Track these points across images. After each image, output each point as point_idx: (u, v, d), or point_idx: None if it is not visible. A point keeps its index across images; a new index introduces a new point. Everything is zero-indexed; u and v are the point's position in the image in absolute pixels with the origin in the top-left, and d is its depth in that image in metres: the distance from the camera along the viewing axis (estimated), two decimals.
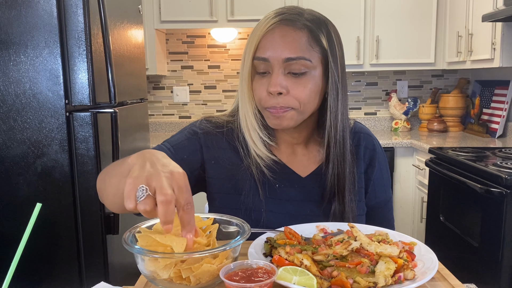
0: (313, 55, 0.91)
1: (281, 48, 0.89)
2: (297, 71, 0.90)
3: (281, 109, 0.91)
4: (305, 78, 0.91)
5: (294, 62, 0.89)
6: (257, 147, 0.98)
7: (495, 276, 1.84)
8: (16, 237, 0.68)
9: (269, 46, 0.90)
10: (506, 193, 1.77)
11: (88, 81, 1.72)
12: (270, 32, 0.91)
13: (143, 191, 0.60)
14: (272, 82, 0.90)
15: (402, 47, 3.08)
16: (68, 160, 1.71)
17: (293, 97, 0.91)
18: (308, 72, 0.91)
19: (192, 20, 3.05)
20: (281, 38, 0.90)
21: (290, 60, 0.89)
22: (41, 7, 1.63)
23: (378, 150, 1.10)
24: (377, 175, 1.08)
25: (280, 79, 0.90)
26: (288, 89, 0.91)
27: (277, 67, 0.90)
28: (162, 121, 3.54)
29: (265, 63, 0.91)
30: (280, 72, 0.90)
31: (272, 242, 0.82)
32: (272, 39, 0.90)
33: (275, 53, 0.89)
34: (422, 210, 2.72)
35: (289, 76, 0.91)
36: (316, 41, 0.92)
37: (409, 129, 3.39)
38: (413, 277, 0.71)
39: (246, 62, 0.93)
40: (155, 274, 0.68)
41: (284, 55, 0.89)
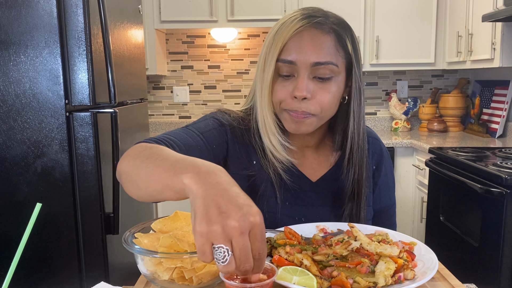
0: (339, 60, 0.90)
1: (309, 51, 0.87)
2: (323, 76, 0.88)
3: (302, 114, 0.89)
4: (330, 83, 0.89)
5: (322, 67, 0.87)
6: (277, 151, 0.95)
7: (495, 276, 1.84)
8: (16, 237, 0.68)
9: (296, 49, 0.87)
10: (506, 193, 1.77)
11: (88, 81, 1.72)
12: (298, 35, 0.88)
13: (224, 254, 0.52)
14: (298, 86, 0.87)
15: (402, 47, 3.07)
16: (68, 160, 1.71)
17: (316, 102, 0.89)
18: (334, 78, 0.90)
19: (192, 20, 3.05)
20: (310, 41, 0.87)
21: (318, 64, 0.87)
22: (41, 7, 1.63)
23: (385, 155, 1.09)
24: (382, 180, 1.08)
25: (307, 84, 0.87)
26: (313, 94, 0.88)
27: (304, 71, 0.88)
28: (162, 121, 3.54)
29: (290, 66, 0.88)
30: (306, 76, 0.88)
31: (272, 242, 0.82)
32: (300, 42, 0.87)
33: (303, 57, 0.87)
34: (422, 210, 2.72)
35: (315, 81, 0.89)
36: (342, 46, 0.90)
37: (409, 129, 3.39)
38: (413, 277, 0.71)
39: (269, 64, 0.89)
40: (155, 274, 0.68)
41: (313, 59, 0.87)
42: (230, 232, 0.52)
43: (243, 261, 0.53)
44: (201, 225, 0.53)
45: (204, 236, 0.52)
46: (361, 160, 0.97)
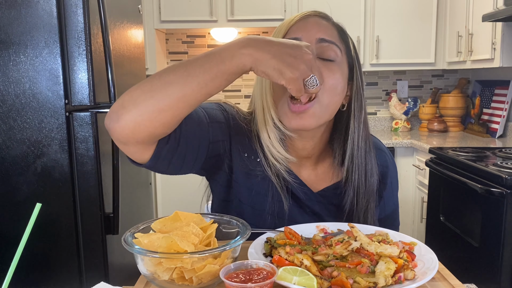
0: (342, 48, 0.90)
1: (315, 30, 0.87)
2: (328, 57, 0.86)
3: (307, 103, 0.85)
4: (334, 65, 0.87)
5: (327, 45, 0.86)
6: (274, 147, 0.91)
7: (495, 276, 1.84)
8: (16, 237, 0.68)
9: (302, 28, 0.87)
10: (506, 193, 1.77)
11: (88, 81, 1.72)
12: (303, 19, 0.89)
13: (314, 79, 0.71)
14: None
15: (402, 47, 3.07)
16: (68, 160, 1.71)
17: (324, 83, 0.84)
18: (336, 62, 0.87)
19: (192, 20, 3.05)
20: (315, 23, 0.88)
21: (323, 41, 0.86)
22: (41, 7, 1.63)
23: (391, 166, 1.07)
24: (387, 192, 1.06)
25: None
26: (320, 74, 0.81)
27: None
28: None
29: None
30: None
31: (272, 242, 0.82)
32: (305, 24, 0.88)
33: (308, 33, 0.86)
34: (422, 210, 2.72)
35: (320, 61, 0.86)
36: (344, 41, 0.91)
37: (409, 129, 3.39)
38: (413, 277, 0.71)
39: None
40: (155, 274, 0.68)
41: (319, 35, 0.86)
42: (310, 63, 0.70)
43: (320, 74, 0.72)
44: (293, 72, 0.68)
45: (299, 77, 0.68)
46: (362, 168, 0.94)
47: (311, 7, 2.36)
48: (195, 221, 0.75)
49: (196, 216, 0.76)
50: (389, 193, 1.07)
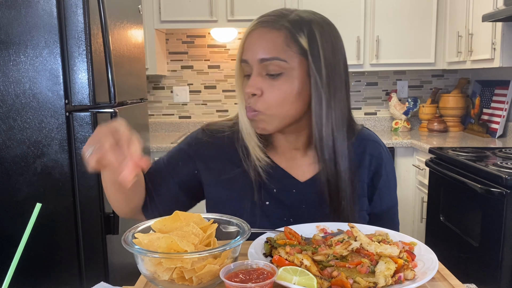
0: (290, 55, 0.89)
1: (256, 49, 0.90)
2: (273, 72, 0.89)
3: (250, 111, 0.92)
4: (281, 80, 0.90)
5: (269, 63, 0.89)
6: (255, 149, 0.98)
7: (495, 276, 1.84)
8: (16, 237, 0.68)
9: (248, 48, 0.91)
10: (506, 193, 1.77)
11: (88, 81, 1.72)
12: (250, 35, 0.92)
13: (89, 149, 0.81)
14: (248, 83, 0.90)
15: (402, 47, 3.07)
16: (68, 160, 1.71)
17: (264, 99, 0.90)
18: (285, 74, 0.89)
19: (192, 20, 3.05)
20: (257, 39, 0.90)
21: (264, 60, 0.89)
22: (41, 7, 1.63)
23: (385, 158, 1.06)
24: (383, 183, 1.05)
25: (255, 81, 0.90)
26: (262, 90, 0.90)
27: (255, 68, 0.90)
28: (162, 121, 3.54)
29: (247, 65, 0.92)
30: (257, 73, 0.90)
31: (272, 242, 0.82)
32: (250, 41, 0.91)
33: (252, 55, 0.90)
34: (422, 210, 2.72)
35: (266, 78, 0.90)
36: (294, 41, 0.89)
37: (409, 129, 3.39)
38: (413, 277, 0.71)
39: (236, 66, 0.95)
40: (155, 274, 0.68)
41: (259, 55, 0.89)
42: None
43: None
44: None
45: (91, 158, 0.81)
46: (331, 161, 0.94)
47: (311, 8, 2.36)
48: (195, 221, 0.75)
49: (196, 216, 0.76)
50: (384, 185, 1.06)
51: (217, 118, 3.51)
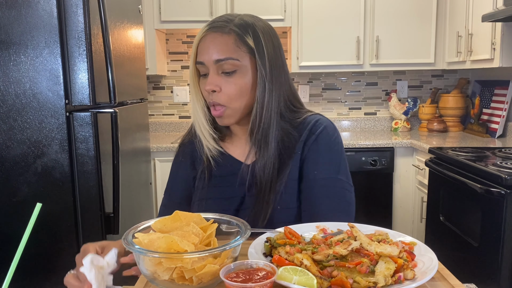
0: (241, 55, 1.03)
1: (211, 51, 1.02)
2: (228, 70, 1.02)
3: (213, 105, 1.05)
4: (236, 76, 1.03)
5: (224, 63, 1.01)
6: (206, 139, 1.11)
7: (495, 276, 1.84)
8: (16, 237, 0.68)
9: (203, 51, 1.03)
10: (506, 193, 1.77)
11: (88, 81, 1.72)
12: (203, 39, 1.04)
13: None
14: (207, 81, 1.03)
15: (402, 47, 3.07)
16: (68, 160, 1.71)
17: (224, 93, 1.03)
18: (239, 70, 1.03)
19: (192, 20, 3.05)
20: (211, 43, 1.03)
21: (219, 61, 1.01)
22: (41, 7, 1.63)
23: (322, 133, 1.08)
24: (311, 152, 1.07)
25: (213, 79, 1.02)
26: (220, 87, 1.02)
27: (211, 68, 1.03)
28: (162, 121, 3.54)
29: (203, 66, 1.04)
30: (214, 73, 1.03)
31: (272, 242, 0.82)
32: (204, 45, 1.03)
33: (207, 57, 1.02)
34: (422, 210, 2.72)
35: (222, 75, 1.03)
36: (243, 42, 1.03)
37: (409, 129, 3.39)
38: (413, 277, 0.72)
39: (191, 67, 1.08)
40: (155, 274, 0.68)
41: (214, 57, 1.02)
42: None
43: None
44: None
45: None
46: (264, 144, 1.05)
47: (311, 8, 2.37)
48: (195, 221, 0.75)
49: (196, 216, 0.76)
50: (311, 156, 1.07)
51: None
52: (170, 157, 2.90)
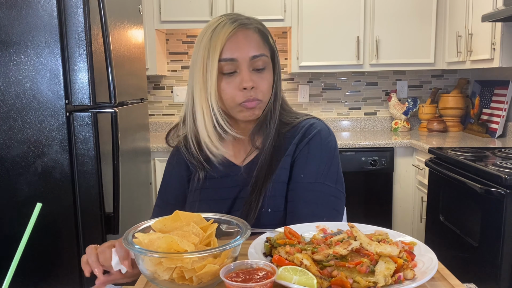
0: (267, 52, 1.05)
1: (246, 48, 1.00)
2: (260, 67, 1.02)
3: (254, 101, 1.02)
4: (265, 73, 1.04)
5: (258, 59, 1.01)
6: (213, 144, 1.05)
7: (495, 276, 1.84)
8: (16, 237, 0.68)
9: (235, 47, 1.00)
10: (506, 193, 1.77)
11: (88, 81, 1.72)
12: (233, 36, 1.00)
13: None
14: (245, 78, 1.00)
15: (402, 47, 3.07)
16: (68, 160, 1.71)
17: (260, 90, 1.03)
18: (267, 67, 1.05)
19: (192, 20, 3.05)
20: (245, 39, 1.01)
21: (255, 57, 1.01)
22: (41, 7, 1.63)
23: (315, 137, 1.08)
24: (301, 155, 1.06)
25: (249, 75, 1.01)
26: (256, 83, 1.02)
27: (245, 65, 1.00)
28: (162, 121, 3.54)
29: (232, 63, 1.00)
30: (247, 69, 1.01)
31: (272, 242, 0.82)
32: (237, 41, 1.00)
33: (242, 53, 1.00)
34: (422, 210, 2.72)
35: (254, 72, 1.02)
36: (265, 40, 1.05)
37: (409, 129, 3.39)
38: (413, 277, 0.72)
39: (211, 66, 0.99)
40: (155, 274, 0.68)
41: (251, 53, 1.00)
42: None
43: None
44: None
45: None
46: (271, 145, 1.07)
47: (311, 8, 2.37)
48: (195, 221, 0.75)
49: (196, 216, 0.76)
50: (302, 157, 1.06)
51: None
52: None
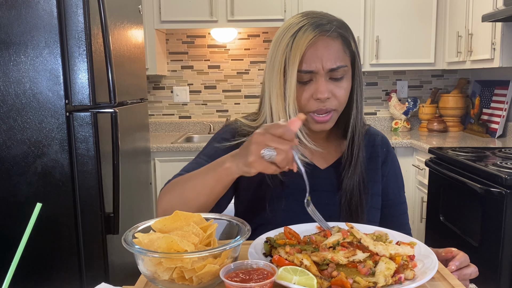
0: (346, 60, 1.00)
1: (325, 59, 0.97)
2: (338, 76, 0.99)
3: (326, 114, 1.00)
4: (343, 82, 1.00)
5: (336, 71, 0.98)
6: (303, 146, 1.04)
7: (495, 276, 1.84)
8: (16, 237, 0.68)
9: (314, 59, 0.97)
10: (506, 193, 1.77)
11: (88, 81, 1.72)
12: (313, 46, 0.97)
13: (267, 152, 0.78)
14: (320, 89, 0.97)
15: (402, 47, 3.07)
16: (68, 160, 1.71)
17: (335, 99, 1.00)
18: (345, 76, 1.01)
19: (192, 20, 3.05)
20: (324, 50, 0.97)
21: (333, 70, 0.97)
22: (41, 7, 1.63)
23: (392, 151, 1.19)
24: (390, 174, 1.15)
25: (325, 86, 0.98)
26: (332, 93, 0.99)
27: (322, 76, 0.97)
28: (162, 121, 3.54)
29: (309, 74, 0.98)
30: (324, 80, 0.98)
31: (272, 242, 0.82)
32: (316, 52, 0.97)
33: (320, 65, 0.97)
34: (422, 210, 2.72)
35: (330, 81, 0.99)
36: (347, 46, 1.01)
37: (409, 129, 3.39)
38: (413, 277, 0.72)
39: (291, 75, 0.97)
40: (155, 274, 0.68)
41: (328, 66, 0.97)
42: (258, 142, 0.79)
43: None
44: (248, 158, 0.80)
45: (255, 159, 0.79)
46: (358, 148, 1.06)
47: (311, 8, 2.37)
48: (195, 221, 0.75)
49: (196, 216, 0.76)
50: (392, 175, 1.15)
51: (217, 118, 3.54)
52: (170, 157, 2.91)
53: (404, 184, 1.20)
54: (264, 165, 0.79)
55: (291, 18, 1.04)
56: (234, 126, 1.11)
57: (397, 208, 1.15)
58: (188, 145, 2.87)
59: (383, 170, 1.14)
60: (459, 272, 0.90)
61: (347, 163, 1.06)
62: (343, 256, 0.73)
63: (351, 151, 1.06)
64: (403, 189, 1.19)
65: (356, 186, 1.05)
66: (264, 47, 3.47)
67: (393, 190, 1.15)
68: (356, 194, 1.05)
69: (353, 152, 1.05)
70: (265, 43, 3.47)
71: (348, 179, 1.05)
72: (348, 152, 1.06)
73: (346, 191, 1.05)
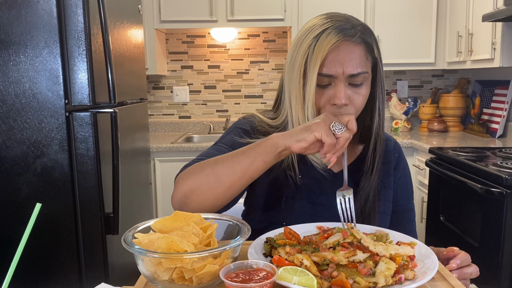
0: (368, 66, 0.98)
1: (345, 64, 0.94)
2: (358, 83, 0.97)
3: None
4: (362, 88, 0.98)
5: (356, 77, 0.96)
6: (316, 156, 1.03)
7: (495, 276, 1.84)
8: (16, 237, 0.68)
9: (335, 63, 0.95)
10: (506, 193, 1.77)
11: (88, 81, 1.72)
12: (335, 50, 0.95)
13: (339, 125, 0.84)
14: (338, 95, 0.95)
15: (402, 47, 3.07)
16: (68, 160, 1.71)
17: (353, 105, 0.98)
18: (365, 82, 0.99)
19: (192, 20, 3.05)
20: (346, 55, 0.95)
21: (353, 76, 0.95)
22: (41, 7, 1.63)
23: (403, 158, 1.19)
24: (401, 180, 1.15)
25: (344, 91, 0.96)
26: (349, 99, 0.97)
27: (341, 81, 0.95)
28: (162, 121, 3.54)
29: (329, 78, 0.96)
30: (343, 85, 0.96)
31: (272, 242, 0.82)
32: (337, 56, 0.95)
33: (340, 70, 0.94)
34: (422, 210, 2.72)
35: (349, 87, 0.97)
36: (370, 52, 0.99)
37: (409, 129, 3.39)
38: (413, 277, 0.71)
39: (311, 78, 0.95)
40: (155, 274, 0.68)
41: (348, 71, 0.94)
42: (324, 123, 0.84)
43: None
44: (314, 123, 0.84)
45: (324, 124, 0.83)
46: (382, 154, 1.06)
47: (311, 8, 2.36)
48: (195, 221, 0.75)
49: (196, 216, 0.76)
50: (403, 182, 1.15)
51: (217, 118, 3.54)
52: (170, 157, 2.91)
53: (413, 191, 1.20)
54: (326, 130, 0.82)
55: (314, 18, 1.02)
56: (252, 120, 1.09)
57: (405, 215, 1.15)
58: (188, 145, 2.87)
59: (394, 176, 1.13)
60: (459, 270, 0.90)
61: (369, 171, 1.05)
62: (343, 257, 0.73)
63: (373, 159, 1.05)
64: (412, 196, 1.18)
65: (372, 192, 1.05)
66: (264, 47, 3.47)
67: (403, 197, 1.15)
68: (370, 200, 1.04)
69: (375, 160, 1.05)
70: (265, 43, 3.46)
71: (367, 186, 1.04)
72: (370, 160, 1.05)
73: (362, 197, 1.04)
